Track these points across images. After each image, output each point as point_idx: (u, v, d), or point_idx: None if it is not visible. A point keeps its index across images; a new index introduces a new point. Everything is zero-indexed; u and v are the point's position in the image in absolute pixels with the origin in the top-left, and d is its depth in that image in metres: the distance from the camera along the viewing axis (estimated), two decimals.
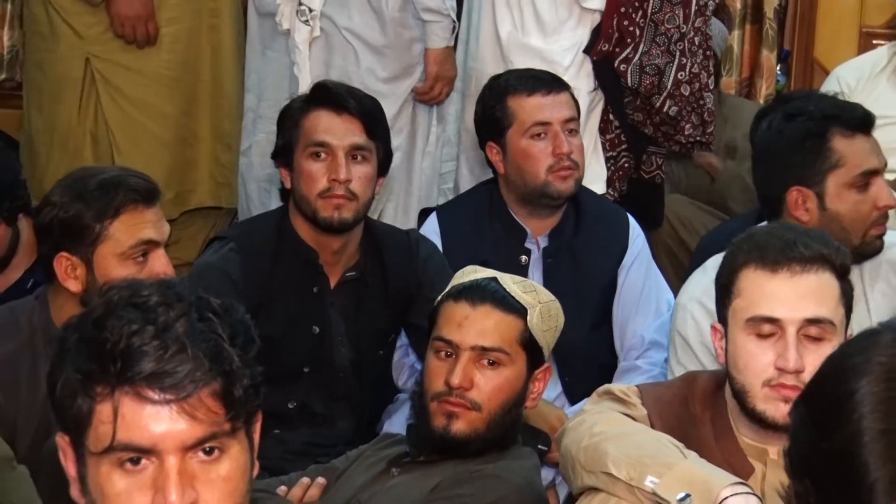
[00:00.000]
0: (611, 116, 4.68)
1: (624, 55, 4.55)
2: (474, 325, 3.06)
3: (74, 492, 1.94)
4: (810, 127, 3.51)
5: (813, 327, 2.65)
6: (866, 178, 3.48)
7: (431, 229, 4.11)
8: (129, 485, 1.85)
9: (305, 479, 3.18)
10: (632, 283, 4.06)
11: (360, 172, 3.72)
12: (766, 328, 2.67)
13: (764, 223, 3.44)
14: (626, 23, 4.48)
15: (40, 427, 3.02)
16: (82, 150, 4.88)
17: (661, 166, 4.73)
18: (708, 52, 4.62)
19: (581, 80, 4.55)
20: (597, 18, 4.59)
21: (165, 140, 4.95)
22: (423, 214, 4.48)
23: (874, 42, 5.42)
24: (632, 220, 4.18)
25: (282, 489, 3.14)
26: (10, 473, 2.69)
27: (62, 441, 1.93)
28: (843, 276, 2.70)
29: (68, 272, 3.21)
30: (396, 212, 4.77)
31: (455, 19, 4.74)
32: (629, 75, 4.54)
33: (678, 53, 4.52)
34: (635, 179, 4.74)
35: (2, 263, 3.75)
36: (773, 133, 3.60)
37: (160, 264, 3.21)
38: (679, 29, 4.48)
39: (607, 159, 4.70)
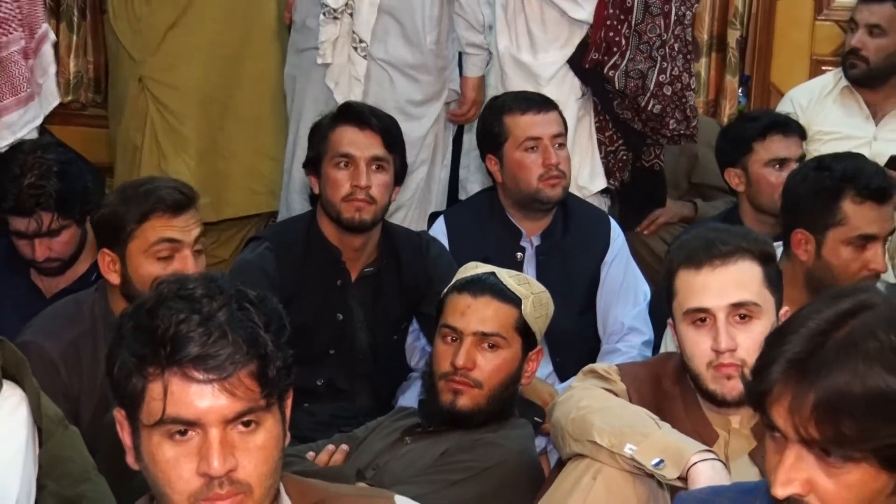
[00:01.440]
0: (606, 116, 4.65)
1: (612, 62, 4.50)
2: (476, 314, 3.06)
3: (130, 459, 1.93)
4: (828, 183, 3.44)
5: (739, 310, 2.67)
6: (863, 241, 3.40)
7: (439, 230, 4.11)
8: (177, 453, 1.85)
9: (331, 446, 3.18)
10: (613, 277, 4.06)
11: (379, 180, 3.73)
12: (700, 318, 2.68)
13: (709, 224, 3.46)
14: (612, 34, 4.44)
15: (100, 403, 3.01)
16: (138, 159, 4.86)
17: (660, 155, 4.68)
18: (689, 56, 4.59)
19: (564, 90, 4.51)
20: (583, 33, 4.54)
21: (202, 151, 4.90)
22: (432, 218, 4.48)
23: (822, 68, 5.41)
24: (613, 222, 4.18)
25: (310, 455, 3.15)
26: (64, 431, 2.67)
27: (119, 415, 1.93)
28: (764, 261, 2.71)
29: (109, 266, 3.22)
30: (416, 215, 4.75)
31: (490, 52, 4.72)
32: (616, 80, 4.49)
33: (659, 59, 4.48)
34: (637, 168, 4.70)
35: (71, 260, 3.74)
36: (799, 178, 3.57)
37: (185, 265, 3.19)
38: (660, 37, 4.44)
39: (607, 153, 4.67)
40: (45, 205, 3.62)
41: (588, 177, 4.60)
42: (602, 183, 4.63)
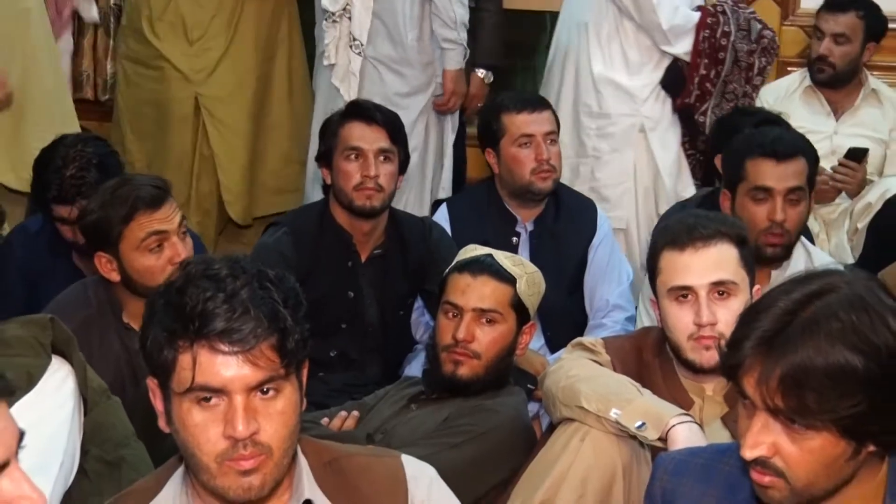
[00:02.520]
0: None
1: (702, 109, 4.54)
2: (475, 292, 3.07)
3: (161, 423, 1.94)
4: (740, 148, 3.52)
5: (719, 288, 2.68)
6: (762, 194, 3.43)
7: (442, 216, 4.11)
8: (204, 418, 1.86)
9: (343, 412, 3.19)
10: (599, 259, 4.05)
11: (385, 170, 3.74)
12: (683, 294, 2.69)
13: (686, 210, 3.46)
14: (707, 84, 4.43)
15: (115, 380, 3.01)
16: (192, 169, 4.92)
17: None
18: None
19: (657, 108, 4.51)
20: (669, 59, 4.54)
21: (250, 158, 5.00)
22: (436, 205, 4.49)
23: (788, 69, 5.38)
24: (599, 210, 4.18)
25: (324, 420, 3.15)
26: (107, 401, 2.67)
27: (152, 383, 1.93)
28: (740, 244, 2.72)
29: (107, 267, 3.22)
30: (414, 198, 4.77)
31: (466, 47, 4.71)
32: (707, 126, 4.54)
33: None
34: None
35: None
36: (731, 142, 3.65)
37: (174, 250, 3.20)
38: (742, 87, 4.45)
39: (689, 156, 4.69)
40: (86, 194, 3.61)
41: (681, 184, 4.61)
42: (692, 189, 4.63)
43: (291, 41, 5.13)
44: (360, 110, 3.84)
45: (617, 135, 4.49)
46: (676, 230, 2.75)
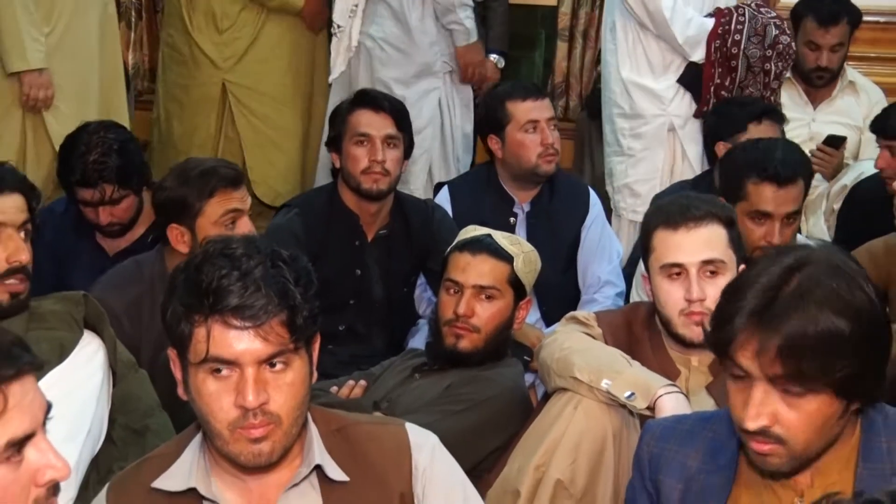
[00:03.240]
0: None
1: None
2: (475, 270, 3.07)
3: (180, 391, 1.95)
4: (742, 166, 3.40)
5: (709, 266, 2.67)
6: (761, 217, 3.32)
7: (444, 198, 4.11)
8: (218, 388, 1.86)
9: (351, 382, 3.19)
10: (591, 238, 4.05)
11: (392, 155, 3.75)
12: (675, 272, 2.68)
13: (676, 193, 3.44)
14: (722, 92, 4.38)
15: (156, 351, 3.01)
16: (217, 151, 4.93)
17: None
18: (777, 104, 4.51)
19: (683, 107, 4.47)
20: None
21: (279, 144, 5.02)
22: (438, 188, 4.48)
23: None
24: (591, 192, 4.17)
25: (333, 389, 3.16)
26: (135, 374, 2.69)
27: (172, 353, 1.94)
28: (729, 225, 2.71)
29: (178, 239, 3.23)
30: (439, 164, 4.83)
31: (466, 25, 4.72)
32: None
33: None
34: None
35: (130, 223, 3.74)
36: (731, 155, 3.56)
37: (246, 228, 3.23)
38: (760, 91, 4.36)
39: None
40: (108, 178, 3.62)
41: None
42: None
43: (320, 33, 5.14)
44: (368, 98, 3.84)
45: (649, 134, 4.46)
46: (670, 210, 2.74)
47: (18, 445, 1.60)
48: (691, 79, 4.43)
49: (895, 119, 4.03)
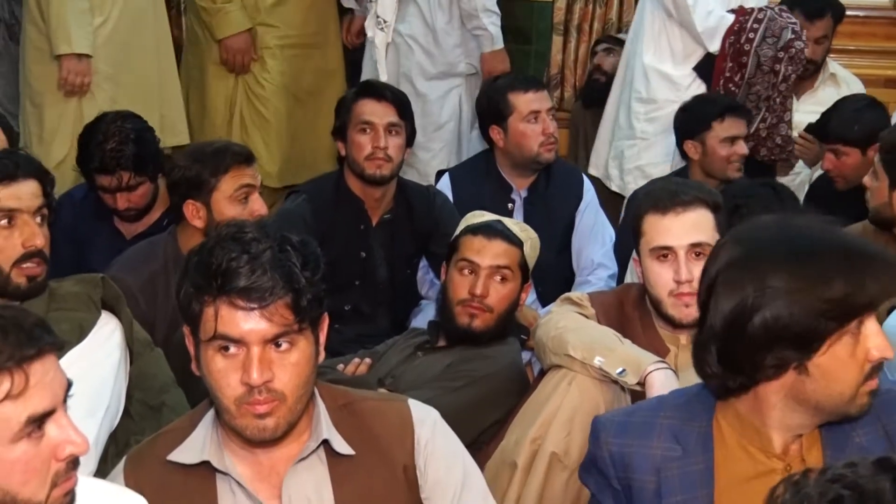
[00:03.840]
0: None
1: None
2: (491, 251, 3.08)
3: (193, 366, 1.95)
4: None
5: (696, 249, 2.65)
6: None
7: (445, 185, 4.10)
8: (225, 365, 1.87)
9: (356, 359, 3.19)
10: (585, 222, 4.05)
11: (394, 142, 3.74)
12: (664, 254, 2.67)
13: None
14: (730, 86, 4.37)
15: (171, 328, 3.01)
16: (223, 129, 4.91)
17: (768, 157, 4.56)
18: (787, 106, 4.48)
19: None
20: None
21: (277, 131, 4.98)
22: (439, 175, 4.47)
23: None
24: (585, 178, 4.17)
25: (340, 366, 3.15)
26: (151, 353, 2.69)
27: (186, 330, 1.94)
28: (715, 210, 2.70)
29: (194, 214, 3.23)
30: (452, 160, 4.81)
31: (494, 33, 4.73)
32: None
33: (763, 109, 4.41)
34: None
35: (146, 208, 3.74)
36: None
37: (257, 204, 3.24)
38: (767, 91, 4.36)
39: None
40: (124, 165, 3.61)
41: None
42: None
43: (331, 33, 5.13)
44: (372, 89, 3.84)
45: (663, 119, 4.44)
46: (659, 196, 2.73)
47: (39, 421, 1.60)
48: (708, 69, 4.42)
49: (834, 124, 4.02)
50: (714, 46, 4.38)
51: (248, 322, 1.84)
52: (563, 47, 5.64)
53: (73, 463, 1.63)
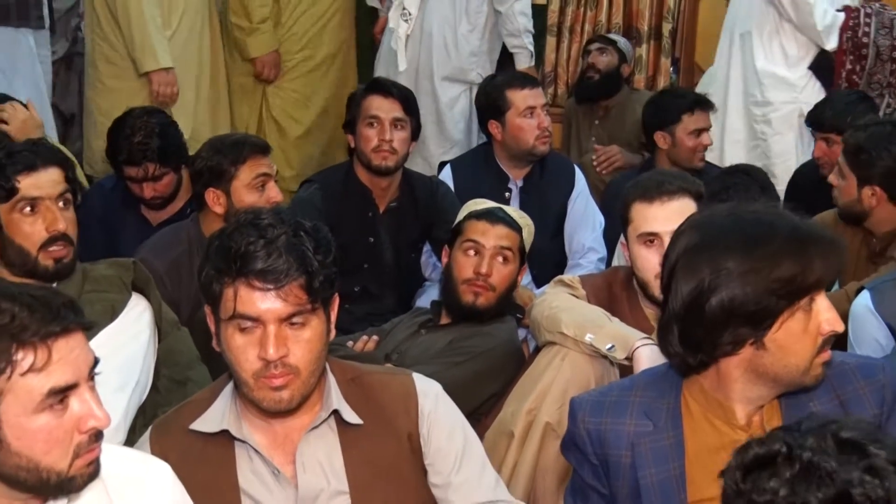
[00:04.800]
0: None
1: None
2: (494, 234, 3.08)
3: (214, 343, 1.95)
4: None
5: None
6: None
7: (446, 175, 4.09)
8: (244, 342, 1.87)
9: (364, 336, 3.18)
10: (577, 210, 4.03)
11: (399, 136, 3.73)
12: (650, 239, 2.66)
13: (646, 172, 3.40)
14: (854, 77, 4.34)
15: (194, 308, 3.01)
16: (253, 130, 4.92)
17: None
18: None
19: (813, 94, 4.41)
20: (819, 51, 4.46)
21: (301, 132, 4.98)
22: (441, 166, 4.47)
23: None
24: (577, 168, 4.15)
25: (349, 343, 3.15)
26: (177, 332, 2.70)
27: (207, 310, 1.94)
28: (698, 198, 2.68)
29: (214, 201, 3.23)
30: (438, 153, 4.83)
31: (531, 50, 4.76)
32: None
33: (887, 95, 4.38)
34: None
35: (171, 197, 3.73)
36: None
37: (273, 191, 3.24)
38: (887, 78, 4.33)
39: None
40: (150, 157, 3.61)
41: None
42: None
43: (348, 47, 5.12)
44: (379, 85, 3.83)
45: (779, 119, 4.43)
46: (646, 185, 2.71)
47: (61, 395, 1.59)
48: (821, 68, 4.39)
49: (829, 113, 3.99)
50: (832, 44, 4.36)
51: (265, 302, 1.84)
52: (557, 47, 5.66)
53: (96, 436, 1.63)
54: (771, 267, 1.73)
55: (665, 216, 2.65)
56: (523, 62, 4.76)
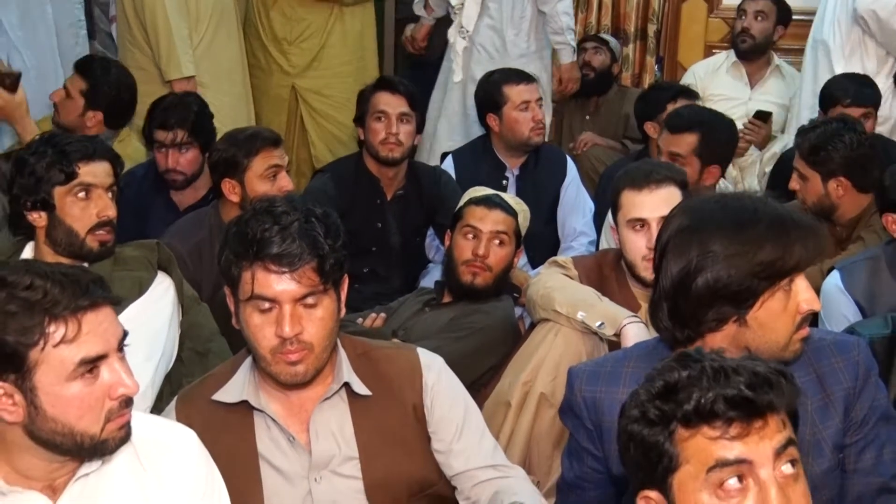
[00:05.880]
0: None
1: None
2: (491, 219, 3.07)
3: (234, 321, 1.94)
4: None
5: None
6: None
7: (449, 165, 4.06)
8: (262, 321, 1.87)
9: (373, 314, 3.17)
10: (569, 196, 4.01)
11: (405, 129, 3.71)
12: (638, 225, 2.65)
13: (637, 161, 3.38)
14: None
15: (215, 288, 3.01)
16: (291, 141, 4.86)
17: None
18: None
19: (885, 109, 4.28)
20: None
21: (342, 140, 4.92)
22: (443, 157, 4.44)
23: (713, 51, 5.36)
24: (569, 158, 4.13)
25: (359, 320, 3.14)
26: (198, 307, 2.71)
27: (227, 291, 1.94)
28: (684, 187, 2.68)
29: (230, 190, 3.21)
30: None
31: (574, 46, 4.70)
32: None
33: None
34: None
35: (192, 178, 3.71)
36: None
37: (285, 181, 3.21)
38: None
39: None
40: (182, 124, 3.60)
41: None
42: None
43: (371, 47, 5.06)
44: (387, 83, 3.80)
45: None
46: (635, 174, 2.70)
47: (91, 365, 1.59)
48: None
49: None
50: None
51: (280, 284, 1.84)
52: None
53: (126, 402, 1.63)
54: (754, 250, 1.72)
55: (653, 204, 2.63)
56: (566, 57, 4.71)
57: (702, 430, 1.35)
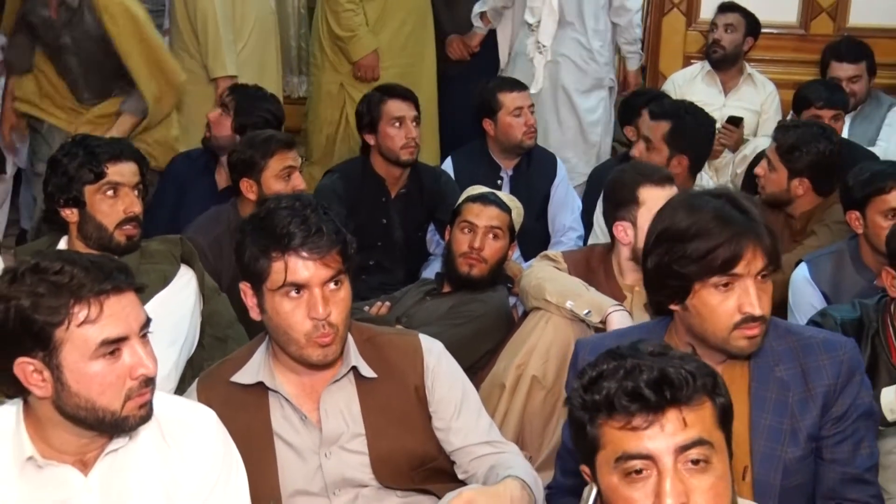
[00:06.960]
0: None
1: None
2: (486, 214, 3.06)
3: (253, 314, 1.94)
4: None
5: None
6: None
7: (448, 165, 4.06)
8: (293, 306, 1.87)
9: (378, 303, 3.17)
10: (559, 195, 4.00)
11: (418, 132, 3.74)
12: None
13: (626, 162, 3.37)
14: None
15: (234, 279, 2.99)
16: (336, 133, 4.77)
17: None
18: None
19: None
20: None
21: None
22: (442, 158, 4.44)
23: (691, 61, 5.32)
24: (558, 160, 4.11)
25: (366, 308, 3.13)
26: (218, 297, 2.72)
27: (244, 286, 1.93)
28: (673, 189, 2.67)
29: (248, 189, 3.20)
30: (583, 160, 4.65)
31: (641, 54, 4.72)
32: None
33: None
34: None
35: (218, 149, 3.67)
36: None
37: (298, 180, 3.20)
38: None
39: None
40: (236, 98, 3.63)
41: None
42: None
43: (428, 56, 4.93)
44: (395, 91, 3.78)
45: None
46: (648, 173, 2.70)
47: (113, 346, 1.59)
48: None
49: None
50: None
51: (310, 269, 1.85)
52: None
53: (146, 382, 1.63)
54: (683, 243, 1.76)
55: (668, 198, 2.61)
56: (634, 64, 4.75)
57: (611, 420, 1.38)
